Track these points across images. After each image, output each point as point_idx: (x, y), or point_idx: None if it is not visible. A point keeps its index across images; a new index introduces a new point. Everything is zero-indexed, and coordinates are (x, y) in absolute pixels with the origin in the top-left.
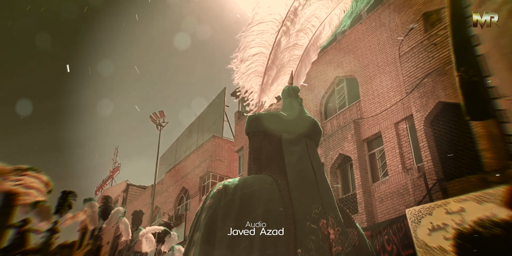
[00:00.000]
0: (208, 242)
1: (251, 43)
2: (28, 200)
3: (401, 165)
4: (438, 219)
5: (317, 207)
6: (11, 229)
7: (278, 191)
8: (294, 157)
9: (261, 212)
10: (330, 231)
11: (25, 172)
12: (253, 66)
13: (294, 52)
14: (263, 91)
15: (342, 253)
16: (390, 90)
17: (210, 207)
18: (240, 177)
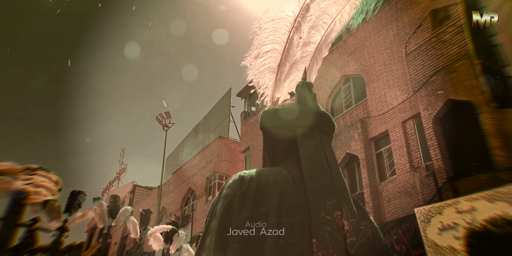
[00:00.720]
0: (224, 230)
1: (264, 40)
2: (38, 199)
3: (409, 164)
4: (448, 218)
5: (331, 199)
6: (21, 228)
7: (293, 183)
8: (308, 151)
9: (276, 203)
10: (344, 222)
11: (35, 172)
12: (267, 62)
13: (307, 49)
14: (277, 87)
15: (357, 244)
16: (397, 88)
17: (226, 197)
18: (256, 169)
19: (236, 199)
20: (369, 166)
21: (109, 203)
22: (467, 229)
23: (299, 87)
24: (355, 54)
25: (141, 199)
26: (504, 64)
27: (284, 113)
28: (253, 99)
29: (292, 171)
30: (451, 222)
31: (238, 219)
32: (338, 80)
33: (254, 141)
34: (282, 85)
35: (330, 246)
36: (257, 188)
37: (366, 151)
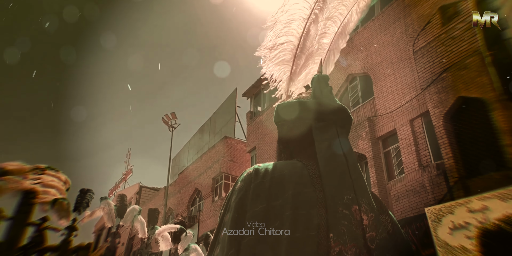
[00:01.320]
0: (238, 223)
1: (279, 32)
2: (47, 198)
3: (418, 163)
4: (459, 217)
5: (349, 193)
6: (30, 227)
7: (309, 176)
8: (324, 144)
9: (291, 195)
10: (364, 216)
11: (44, 171)
12: (281, 55)
13: (323, 41)
14: (292, 80)
15: (377, 239)
16: (405, 86)
17: (240, 190)
18: (271, 162)
19: (251, 191)
20: (377, 165)
21: (117, 203)
22: (480, 228)
23: (314, 80)
24: (362, 52)
25: (147, 200)
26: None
27: (300, 106)
28: (259, 99)
29: (308, 164)
30: (463, 222)
31: (252, 211)
32: (345, 79)
33: (260, 141)
34: (297, 78)
35: (348, 241)
36: (272, 180)
37: (373, 150)
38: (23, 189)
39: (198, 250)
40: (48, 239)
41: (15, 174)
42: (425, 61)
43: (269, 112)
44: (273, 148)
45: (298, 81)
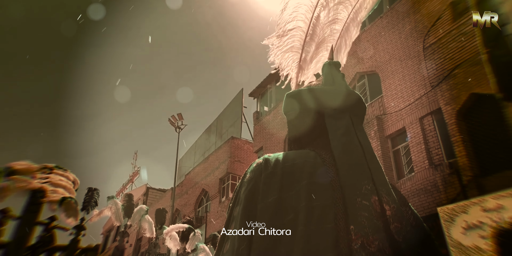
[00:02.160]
0: (249, 216)
1: (287, 17)
2: (55, 197)
3: (428, 161)
4: (473, 217)
5: (367, 183)
6: (38, 227)
7: (323, 165)
8: (339, 132)
9: (305, 185)
10: (386, 207)
11: (52, 170)
12: (290, 41)
13: (335, 27)
14: (301, 68)
15: (403, 231)
16: (414, 84)
17: (250, 181)
18: (281, 152)
19: (261, 182)
20: (386, 164)
21: (124, 202)
22: (495, 228)
23: (326, 66)
24: (370, 50)
25: (154, 201)
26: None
27: (311, 94)
28: (266, 99)
29: (322, 153)
30: (477, 221)
31: (263, 203)
32: (353, 77)
33: (267, 141)
34: (307, 66)
35: (370, 233)
36: (284, 170)
37: (382, 149)
38: (31, 189)
39: (206, 250)
40: (57, 238)
41: (23, 173)
42: (435, 58)
43: (275, 112)
44: (281, 148)
45: (308, 69)
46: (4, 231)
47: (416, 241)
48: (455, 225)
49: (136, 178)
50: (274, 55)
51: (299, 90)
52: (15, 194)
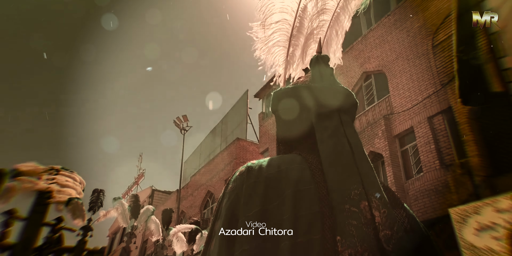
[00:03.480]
0: (230, 231)
1: (271, 8)
2: (62, 198)
3: (439, 161)
4: (486, 218)
5: (356, 188)
6: (45, 227)
7: (309, 171)
8: (326, 133)
9: (291, 195)
10: (375, 213)
11: (59, 172)
12: (276, 35)
13: (323, 17)
14: (289, 63)
15: (393, 238)
16: (422, 83)
17: (232, 192)
18: (267, 158)
19: (243, 193)
20: (394, 164)
21: (130, 203)
22: (508, 229)
23: (313, 61)
24: (376, 49)
25: (160, 204)
26: (499, 55)
27: (297, 92)
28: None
29: (308, 158)
30: (490, 222)
31: (245, 217)
32: (359, 77)
33: (273, 142)
34: (295, 61)
35: (359, 243)
36: (268, 179)
37: (390, 149)
38: (37, 189)
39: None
40: (65, 240)
41: (29, 175)
42: (445, 55)
43: None
44: None
45: (297, 64)
46: (10, 232)
47: (408, 247)
48: (467, 226)
49: (141, 180)
50: (259, 49)
51: (285, 89)
52: (22, 194)
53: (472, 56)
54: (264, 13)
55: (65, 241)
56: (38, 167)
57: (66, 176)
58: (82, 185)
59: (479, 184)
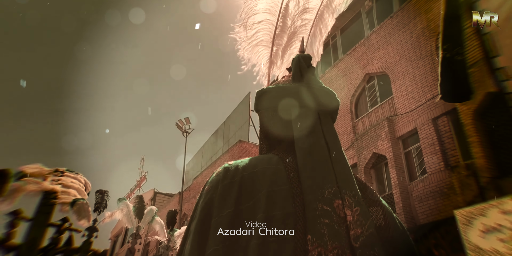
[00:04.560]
0: (203, 232)
1: (254, 8)
2: (67, 198)
3: (444, 163)
4: (492, 220)
5: (330, 187)
6: (51, 228)
7: (285, 171)
8: (303, 133)
9: (264, 195)
10: (347, 212)
11: (64, 173)
12: (259, 35)
13: (306, 16)
14: (273, 63)
15: (362, 236)
16: (425, 84)
17: (207, 193)
18: (246, 158)
19: (217, 194)
20: (397, 166)
21: (135, 203)
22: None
23: (295, 61)
24: (379, 51)
25: (162, 206)
26: (492, 55)
27: (277, 92)
28: None
29: (285, 158)
30: (496, 224)
31: (218, 217)
32: (362, 79)
33: None
34: (279, 60)
35: (330, 242)
36: (242, 180)
37: (394, 150)
38: (43, 190)
39: None
40: (74, 240)
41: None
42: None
43: None
44: None
45: (281, 63)
46: (16, 233)
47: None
48: (473, 228)
49: (144, 183)
50: (242, 49)
51: (267, 88)
52: (27, 195)
53: (455, 53)
54: (247, 13)
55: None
56: (43, 169)
57: (71, 177)
58: (87, 187)
59: (484, 186)
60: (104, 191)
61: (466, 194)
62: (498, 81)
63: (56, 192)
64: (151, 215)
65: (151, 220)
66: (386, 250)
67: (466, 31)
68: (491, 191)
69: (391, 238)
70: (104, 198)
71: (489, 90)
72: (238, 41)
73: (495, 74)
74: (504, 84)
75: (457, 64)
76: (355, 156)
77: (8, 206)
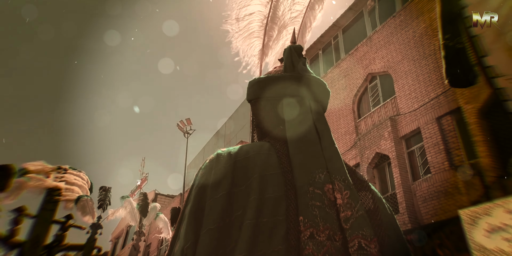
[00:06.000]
0: (197, 214)
1: (246, 1)
2: (71, 195)
3: (448, 162)
4: (497, 219)
5: (321, 172)
6: (55, 225)
7: (277, 157)
8: (295, 121)
9: (257, 179)
10: (337, 195)
11: (67, 171)
12: (251, 27)
13: (296, 8)
14: (265, 53)
15: (352, 218)
16: (428, 84)
17: (201, 177)
18: (237, 146)
19: (211, 178)
20: (400, 165)
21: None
22: None
23: (286, 51)
24: (381, 51)
25: (163, 207)
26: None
27: (269, 82)
28: None
29: (277, 145)
30: (501, 223)
31: (212, 200)
32: (364, 79)
33: None
34: (271, 51)
35: (321, 223)
36: (235, 165)
37: (397, 150)
38: (46, 187)
39: None
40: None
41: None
42: None
43: None
44: None
45: (272, 55)
46: (20, 230)
47: (365, 225)
48: (477, 228)
49: (145, 184)
50: (235, 40)
51: (259, 78)
52: (31, 192)
53: (457, 41)
54: (239, 5)
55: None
56: (46, 166)
57: (74, 175)
58: (88, 184)
59: (489, 185)
60: (108, 187)
61: (471, 194)
62: (489, 78)
63: (60, 189)
64: (155, 212)
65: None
66: (375, 232)
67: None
68: (496, 190)
69: (380, 222)
70: (107, 195)
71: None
72: (230, 33)
73: (485, 72)
74: (494, 80)
75: (459, 51)
76: (357, 156)
77: (10, 202)
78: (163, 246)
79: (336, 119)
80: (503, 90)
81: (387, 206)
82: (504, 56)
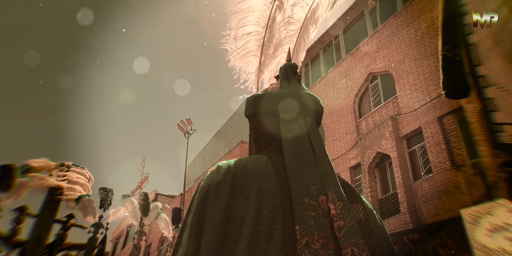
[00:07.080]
0: (199, 223)
1: (243, 21)
2: (73, 195)
3: (450, 162)
4: (499, 219)
5: (315, 184)
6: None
7: (273, 169)
8: (290, 135)
9: (255, 190)
10: (331, 206)
11: (70, 168)
12: (249, 46)
13: (291, 28)
14: (261, 71)
15: (345, 227)
16: (429, 83)
17: (202, 189)
18: (236, 159)
19: (212, 189)
20: (402, 165)
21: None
22: None
23: (282, 69)
24: (382, 50)
25: (163, 207)
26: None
27: (266, 98)
28: None
29: (274, 158)
30: (503, 223)
31: (213, 209)
32: (365, 78)
33: None
34: (267, 69)
35: (316, 232)
36: (234, 177)
37: (398, 150)
38: (48, 186)
39: None
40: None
41: (40, 171)
42: None
43: None
44: None
45: (269, 72)
46: (21, 229)
47: (357, 234)
48: (479, 227)
49: (145, 185)
50: (234, 58)
51: (257, 95)
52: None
53: (455, 53)
54: (237, 25)
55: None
56: (49, 163)
57: (77, 172)
58: (90, 181)
59: (491, 185)
60: (109, 189)
61: (473, 193)
62: (479, 87)
63: (62, 188)
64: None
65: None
66: (366, 241)
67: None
68: (498, 190)
69: (370, 232)
70: (108, 195)
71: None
72: (229, 51)
73: (477, 81)
74: (484, 90)
75: (456, 63)
76: (358, 156)
77: (12, 201)
78: (164, 246)
79: (337, 119)
80: (492, 100)
81: (377, 218)
82: (499, 63)
